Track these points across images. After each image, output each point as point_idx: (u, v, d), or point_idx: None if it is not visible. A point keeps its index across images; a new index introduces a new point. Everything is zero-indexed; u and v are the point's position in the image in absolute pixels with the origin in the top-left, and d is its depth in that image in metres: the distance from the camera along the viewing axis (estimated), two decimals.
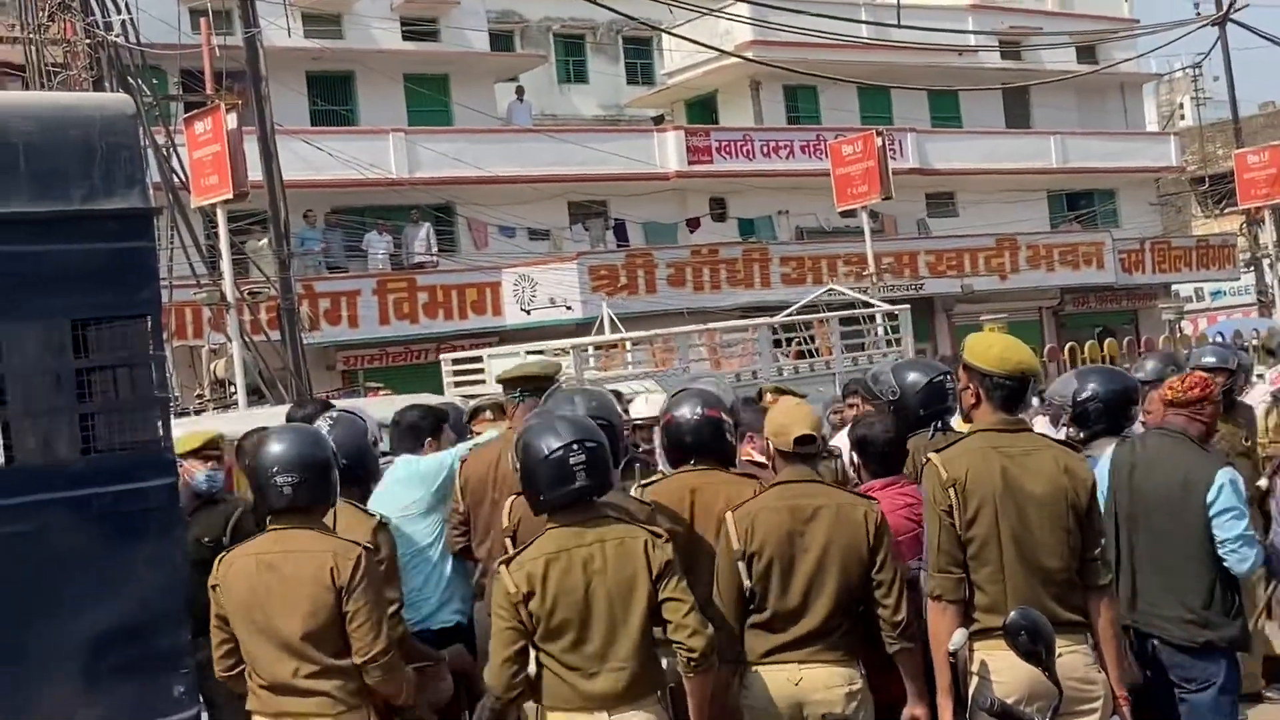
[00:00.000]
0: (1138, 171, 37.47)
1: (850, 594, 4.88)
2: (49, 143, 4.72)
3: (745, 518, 4.96)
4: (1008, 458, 4.76)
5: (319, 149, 24.32)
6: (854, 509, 4.93)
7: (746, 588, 4.92)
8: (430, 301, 24.88)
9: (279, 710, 4.75)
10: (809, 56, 29.17)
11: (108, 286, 4.86)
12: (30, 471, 4.80)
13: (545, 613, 4.51)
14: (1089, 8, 38.35)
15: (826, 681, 4.84)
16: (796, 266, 27.96)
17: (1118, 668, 4.74)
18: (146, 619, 4.87)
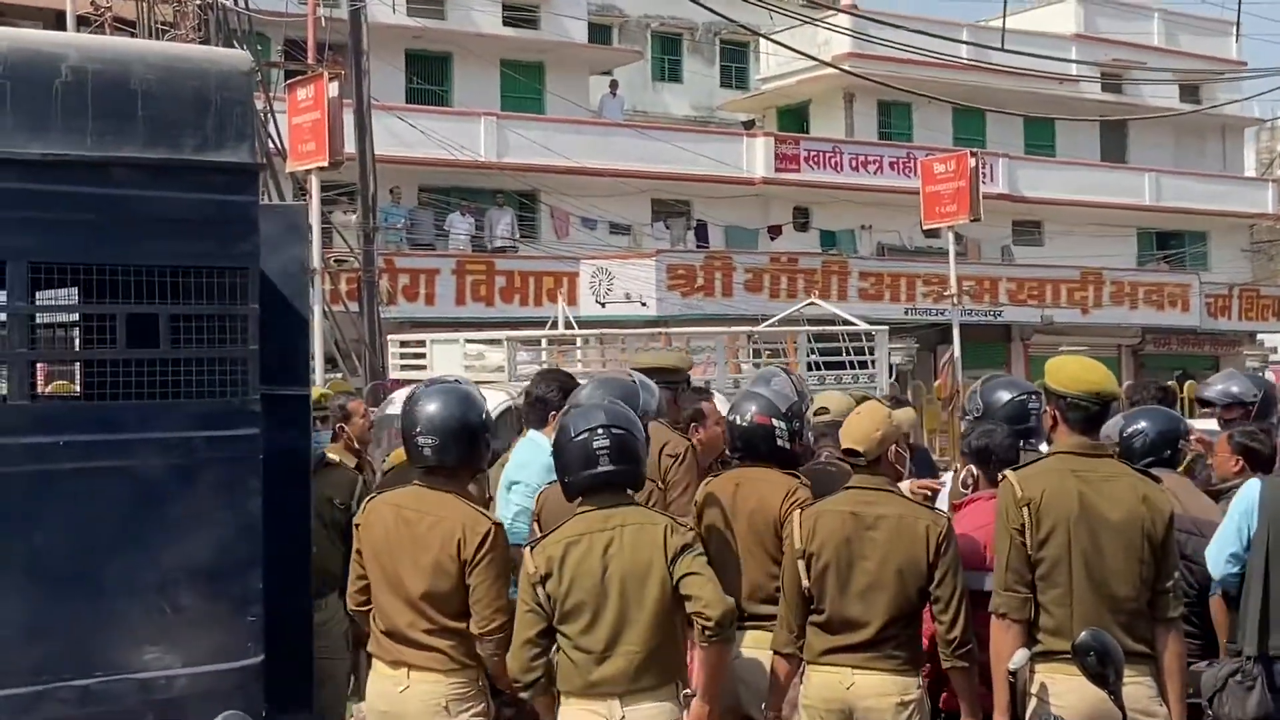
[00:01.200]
0: (1232, 216, 37.00)
1: (908, 605, 4.87)
2: (166, 92, 4.84)
3: (810, 518, 5.00)
4: (1085, 482, 4.74)
5: (412, 126, 24.58)
6: (917, 521, 4.92)
7: (805, 587, 4.96)
8: (507, 286, 25.01)
9: (395, 658, 4.88)
10: (906, 73, 28.96)
11: (211, 237, 4.99)
12: (122, 410, 4.94)
13: (561, 595, 4.59)
14: (1195, 47, 37.91)
15: (879, 689, 4.84)
16: (875, 282, 27.84)
17: (1179, 702, 4.70)
18: (223, 565, 5.00)
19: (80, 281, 4.93)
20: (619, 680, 4.55)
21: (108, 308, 4.94)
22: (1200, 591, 5.65)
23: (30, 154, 4.60)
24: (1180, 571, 4.99)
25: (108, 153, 4.72)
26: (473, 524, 4.82)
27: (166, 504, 4.92)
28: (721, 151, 29.98)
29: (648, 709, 4.55)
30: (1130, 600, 4.65)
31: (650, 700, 4.56)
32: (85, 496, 4.77)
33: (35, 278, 4.71)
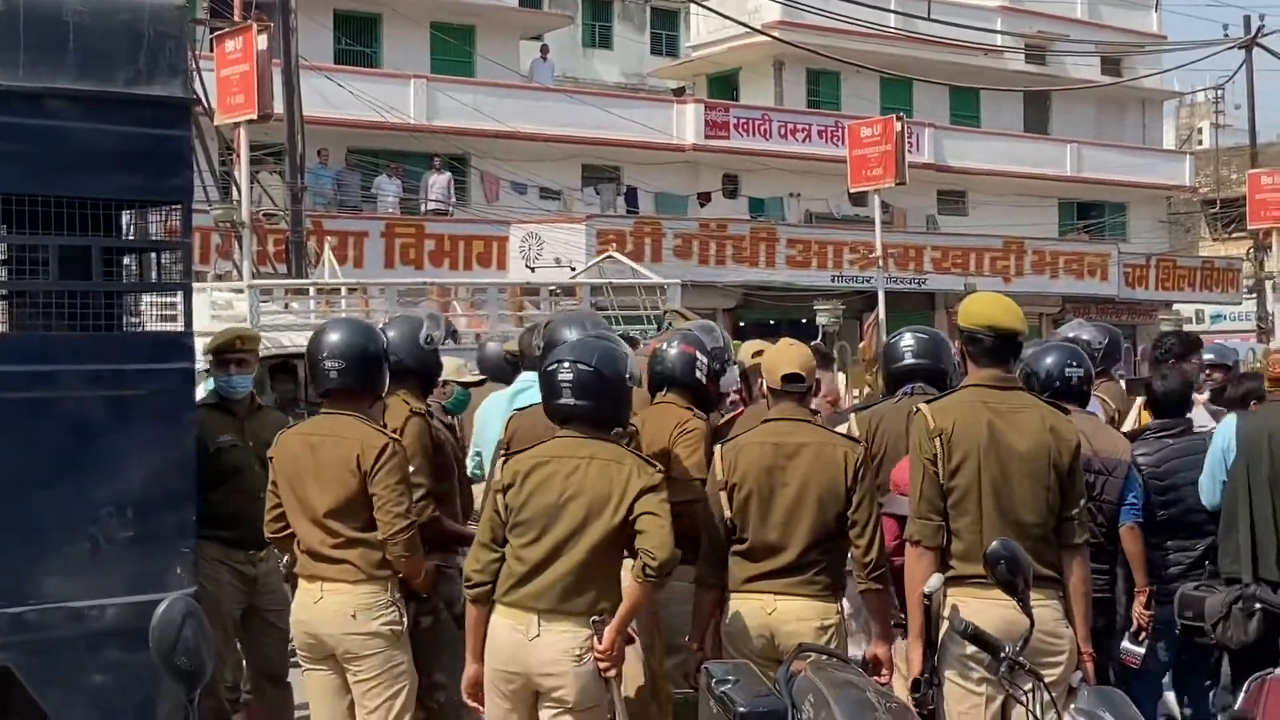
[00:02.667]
0: (1150, 188, 37.51)
1: (827, 530, 4.97)
2: (98, 25, 4.87)
3: (731, 450, 5.10)
4: (995, 413, 4.82)
5: (341, 86, 24.37)
6: (835, 449, 5.03)
7: (727, 519, 5.04)
8: (437, 250, 24.88)
9: (312, 574, 5.14)
10: (835, 42, 29.19)
11: (144, 171, 5.03)
12: (55, 341, 4.98)
13: (517, 506, 4.74)
14: (1118, 20, 38.25)
15: (799, 614, 4.93)
16: (803, 249, 27.94)
17: (1085, 623, 4.82)
18: (155, 496, 5.06)
19: (11, 213, 4.96)
20: (543, 597, 4.66)
21: (39, 239, 4.97)
22: (1109, 529, 5.86)
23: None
24: (1090, 506, 5.14)
25: (40, 84, 4.76)
26: (370, 440, 5.06)
27: (100, 436, 4.98)
28: (651, 118, 29.94)
29: (561, 629, 4.65)
30: (1037, 527, 4.75)
31: (568, 623, 4.65)
32: (14, 428, 4.82)
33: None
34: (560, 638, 4.65)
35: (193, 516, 5.15)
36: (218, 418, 6.18)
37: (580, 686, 4.64)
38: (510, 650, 4.71)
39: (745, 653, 4.93)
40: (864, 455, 5.10)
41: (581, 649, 4.64)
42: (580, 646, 4.64)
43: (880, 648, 5.04)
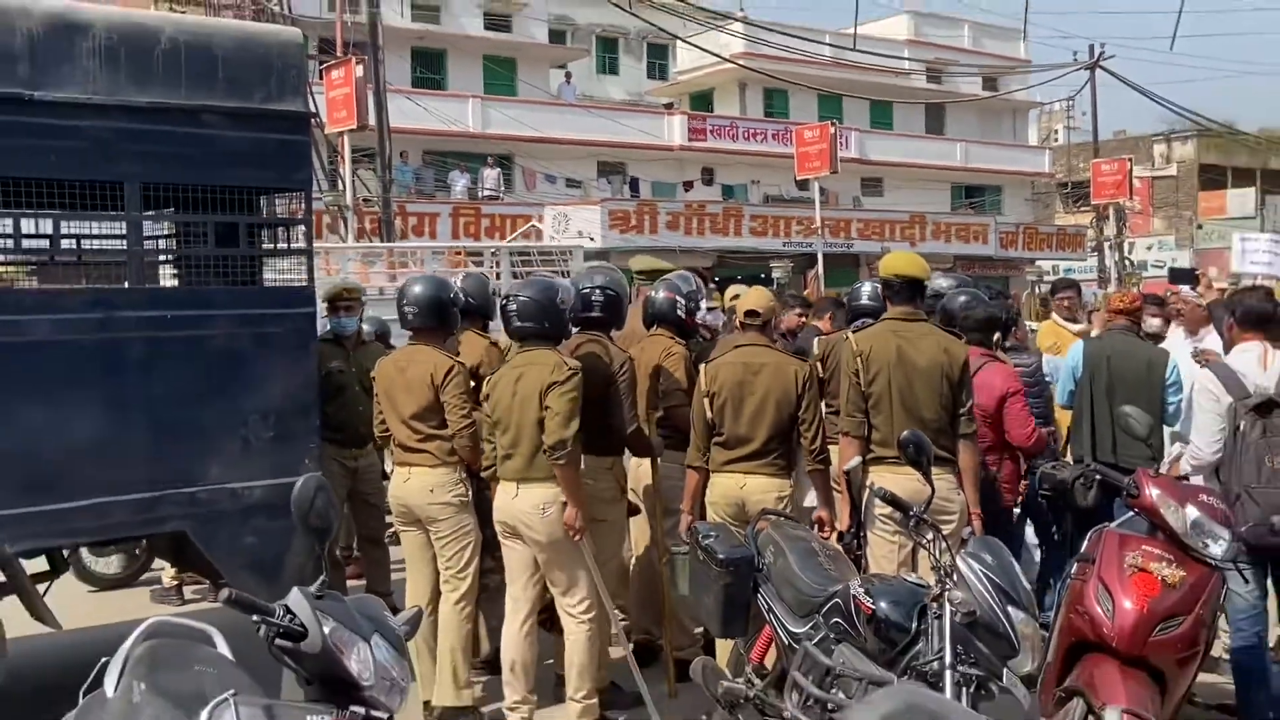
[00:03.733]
0: (1019, 175, 37.28)
1: (782, 427, 5.01)
2: (240, 56, 4.84)
3: (711, 369, 5.13)
4: (903, 338, 4.87)
5: (417, 104, 24.24)
6: (789, 366, 5.06)
7: (709, 418, 5.09)
8: (490, 225, 24.76)
9: (402, 460, 5.20)
10: (784, 68, 28.99)
11: (275, 166, 5.01)
12: (213, 294, 5.00)
13: (490, 409, 4.89)
14: (995, 48, 37.89)
15: (763, 488, 4.99)
16: (762, 223, 27.74)
17: (974, 490, 4.88)
18: (289, 406, 5.08)
19: (178, 199, 4.96)
20: (517, 471, 4.82)
21: (200, 218, 4.98)
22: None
23: (138, 102, 4.62)
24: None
25: (197, 101, 4.75)
26: (442, 363, 5.10)
27: (247, 363, 5.00)
28: (649, 126, 29.83)
29: (531, 489, 4.79)
30: (934, 420, 4.79)
31: (537, 485, 4.78)
32: (186, 357, 4.85)
33: (145, 195, 4.74)
34: (534, 493, 4.78)
35: (317, 421, 5.17)
36: (331, 349, 6.21)
37: (547, 529, 4.76)
38: (504, 507, 4.86)
39: (723, 516, 5.01)
40: (810, 371, 5.10)
41: (545, 503, 4.76)
42: (544, 501, 4.76)
43: (823, 511, 5.07)
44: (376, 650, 2.48)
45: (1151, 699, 3.91)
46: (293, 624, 2.41)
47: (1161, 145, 41.06)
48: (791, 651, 3.94)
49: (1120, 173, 24.11)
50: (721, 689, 4.24)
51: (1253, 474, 4.52)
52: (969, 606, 3.33)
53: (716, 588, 4.23)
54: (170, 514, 4.81)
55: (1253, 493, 4.52)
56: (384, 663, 2.49)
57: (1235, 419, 4.60)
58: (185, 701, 2.66)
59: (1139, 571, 4.09)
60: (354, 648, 2.44)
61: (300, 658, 2.45)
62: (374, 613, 2.58)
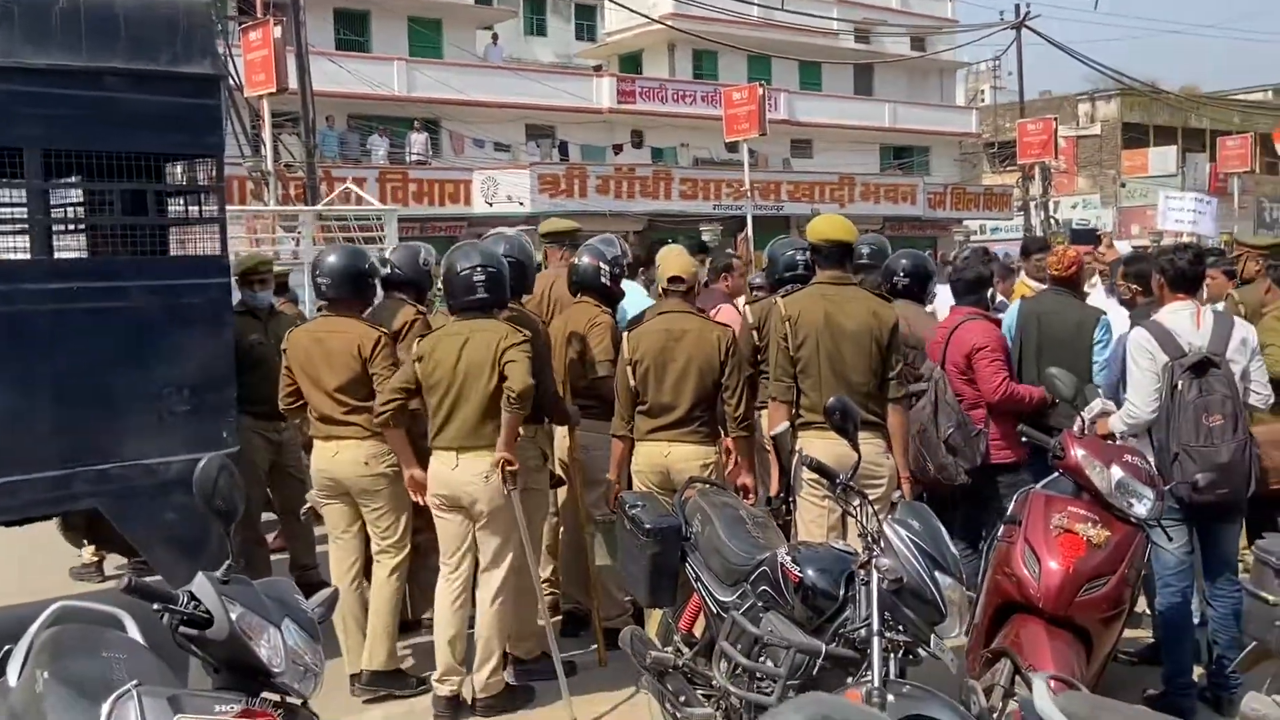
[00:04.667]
0: (946, 135, 37.58)
1: (706, 394, 4.95)
2: (144, 15, 4.65)
3: (634, 337, 5.05)
4: (831, 302, 4.84)
5: (341, 67, 23.73)
6: (711, 332, 4.98)
7: (632, 386, 5.01)
8: (418, 190, 24.40)
9: (328, 434, 5.08)
10: (713, 29, 28.89)
11: (185, 131, 4.83)
12: (122, 263, 4.82)
13: (427, 373, 4.76)
14: (922, 8, 38.08)
15: (688, 455, 4.93)
16: (692, 186, 27.71)
17: (902, 455, 4.89)
18: (204, 379, 4.94)
19: (85, 166, 4.75)
20: (456, 438, 4.72)
21: (106, 185, 4.79)
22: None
23: (36, 64, 4.40)
24: (905, 366, 5.16)
25: (99, 63, 4.54)
26: (368, 335, 5.01)
27: (160, 335, 4.84)
28: (577, 88, 29.55)
29: (472, 458, 4.70)
30: (863, 384, 4.78)
31: (476, 454, 4.70)
32: (95, 330, 4.67)
33: (47, 163, 4.54)
34: (474, 463, 4.70)
35: (233, 394, 5.02)
36: (248, 322, 6.07)
37: (490, 497, 4.69)
38: (443, 478, 4.76)
39: (648, 485, 4.97)
40: (732, 337, 5.04)
41: (487, 471, 4.68)
42: (487, 469, 4.68)
43: (748, 478, 5.03)
44: (287, 635, 2.40)
45: (1077, 658, 3.96)
46: (197, 611, 2.32)
47: (1085, 105, 41.64)
48: (720, 620, 3.92)
49: (1045, 132, 24.43)
50: (650, 658, 4.21)
51: (1191, 433, 4.55)
52: (896, 573, 3.32)
53: (644, 557, 4.18)
54: (82, 491, 4.67)
55: (1191, 451, 4.55)
56: (295, 647, 2.40)
57: (1172, 378, 4.61)
58: (91, 690, 2.57)
59: (1065, 532, 4.13)
60: (263, 633, 2.36)
61: (207, 645, 2.36)
62: (284, 596, 2.49)
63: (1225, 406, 4.53)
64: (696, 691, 4.05)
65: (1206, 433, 4.52)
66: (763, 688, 3.58)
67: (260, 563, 5.96)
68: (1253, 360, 4.73)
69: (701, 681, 4.05)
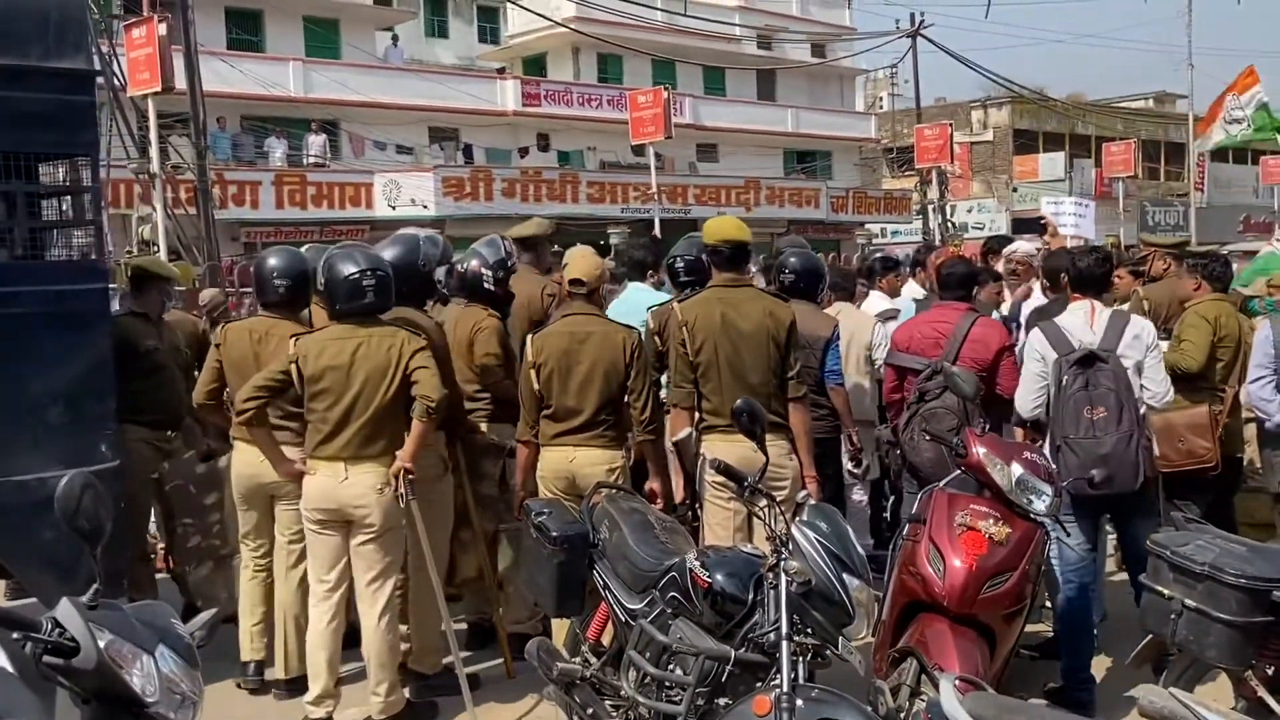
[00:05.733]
0: (847, 140, 38.10)
1: (611, 397, 4.86)
2: (12, 8, 4.43)
3: (538, 339, 4.95)
4: (728, 305, 4.83)
5: (233, 67, 23.07)
6: (617, 334, 4.90)
7: (536, 390, 4.90)
8: (317, 194, 23.93)
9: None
10: (617, 33, 28.89)
11: (56, 129, 4.61)
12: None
13: (311, 377, 4.55)
14: (822, 16, 38.57)
15: (593, 460, 4.84)
16: (599, 189, 27.69)
17: (807, 454, 4.87)
18: (81, 389, 4.71)
19: None
20: (347, 448, 4.52)
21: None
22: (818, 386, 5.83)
23: None
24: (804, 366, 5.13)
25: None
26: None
27: (33, 344, 4.59)
28: (481, 91, 29.24)
29: (365, 470, 4.52)
30: (763, 385, 4.74)
31: (370, 464, 4.52)
32: None
33: None
34: (366, 475, 4.51)
35: (113, 404, 4.79)
36: (141, 326, 5.78)
37: (384, 511, 4.52)
38: (328, 493, 4.54)
39: (555, 491, 4.86)
40: (638, 339, 4.94)
41: (381, 483, 4.52)
42: (379, 481, 4.52)
43: (655, 483, 4.94)
44: (161, 662, 2.24)
45: (981, 656, 3.98)
46: (62, 639, 2.15)
47: (979, 111, 42.61)
48: (628, 628, 3.85)
49: (941, 138, 24.89)
50: (557, 670, 4.12)
51: (1072, 425, 4.65)
52: (805, 575, 3.29)
53: (550, 566, 4.09)
54: None
55: (1071, 443, 4.65)
56: (171, 675, 2.25)
57: (1060, 373, 4.71)
58: None
59: (968, 530, 4.14)
60: (135, 661, 2.20)
61: (74, 675, 2.19)
62: (158, 620, 2.33)
63: (1109, 399, 4.62)
64: (605, 703, 3.97)
65: (1089, 425, 4.61)
66: (671, 696, 3.52)
67: (145, 581, 5.71)
68: (1148, 355, 4.81)
69: (610, 692, 3.96)
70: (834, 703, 3.04)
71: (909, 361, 5.48)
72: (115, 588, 3.66)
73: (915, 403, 5.31)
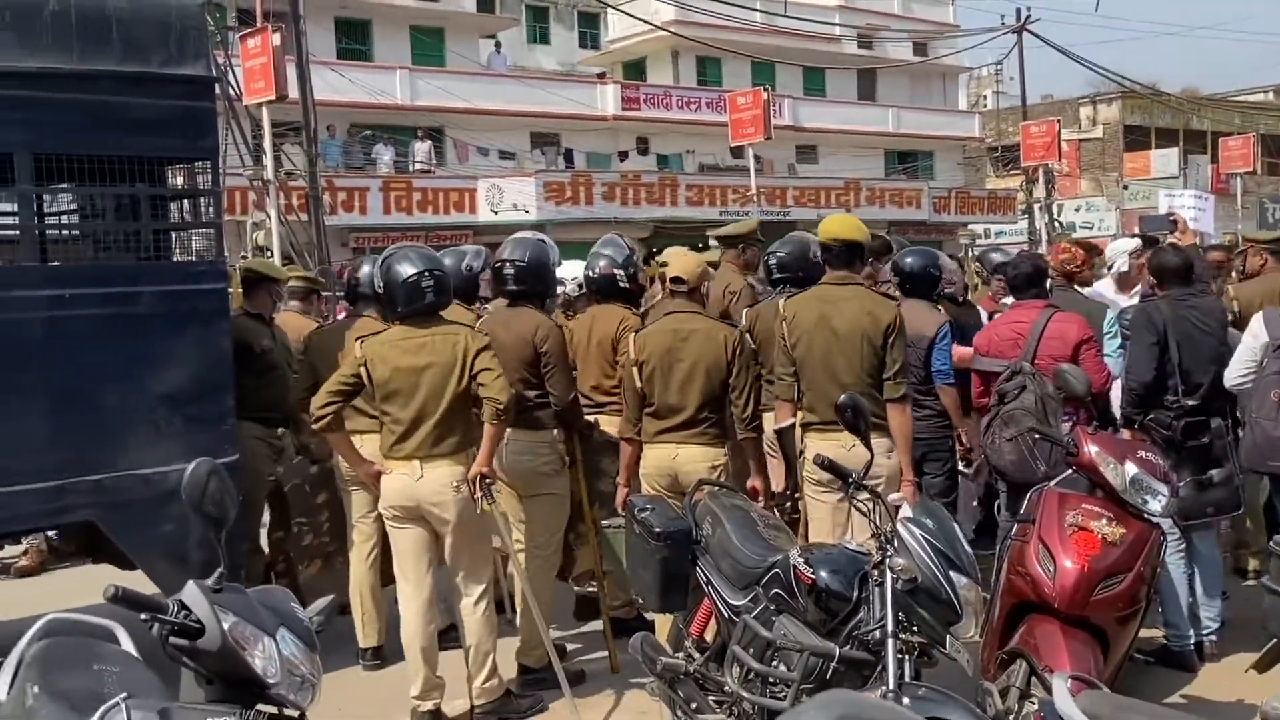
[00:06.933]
0: (950, 139, 37.49)
1: (713, 394, 4.85)
2: (136, 17, 4.58)
3: (641, 338, 4.97)
4: (828, 303, 4.81)
5: (342, 76, 23.68)
6: (718, 332, 4.89)
7: (639, 388, 4.92)
8: (423, 200, 24.38)
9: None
10: (717, 35, 28.85)
11: (178, 134, 4.77)
12: (116, 269, 4.74)
13: (381, 379, 4.58)
14: (924, 14, 38.02)
15: (696, 457, 4.84)
16: (698, 192, 27.66)
17: (905, 454, 4.79)
18: (201, 386, 4.86)
19: (76, 170, 4.67)
20: (421, 447, 4.55)
21: (100, 189, 4.71)
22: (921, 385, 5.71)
23: (26, 67, 4.33)
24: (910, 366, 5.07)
25: (90, 66, 4.47)
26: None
27: (156, 341, 4.76)
28: (581, 96, 29.44)
29: (440, 466, 4.56)
30: (854, 385, 4.64)
31: (444, 463, 4.56)
32: (89, 337, 4.60)
33: (38, 168, 4.47)
34: (441, 473, 4.55)
35: (231, 401, 4.93)
36: (257, 327, 5.96)
37: (459, 509, 4.56)
38: (404, 490, 4.59)
39: (657, 488, 4.88)
40: (740, 337, 4.95)
41: (455, 480, 4.55)
42: (454, 478, 4.55)
43: (757, 480, 4.93)
44: (282, 645, 2.30)
45: (1094, 659, 3.87)
46: (188, 620, 2.23)
47: (1087, 108, 41.49)
48: (731, 624, 3.84)
49: (1048, 135, 24.31)
50: (661, 664, 4.12)
51: (1258, 405, 4.91)
52: (910, 573, 3.24)
53: (654, 562, 4.09)
54: (77, 503, 4.59)
55: (1253, 421, 4.94)
56: (291, 657, 2.31)
57: (1264, 356, 4.95)
58: (82, 704, 2.49)
59: (1079, 530, 4.04)
60: (257, 643, 2.27)
61: (199, 656, 2.27)
62: (279, 605, 2.41)
63: None
64: (708, 698, 3.96)
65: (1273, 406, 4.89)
66: (775, 693, 3.49)
67: (257, 572, 5.88)
68: None
69: (713, 687, 3.96)
70: (942, 702, 2.98)
71: (990, 365, 5.39)
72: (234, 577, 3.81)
73: (995, 405, 5.23)
